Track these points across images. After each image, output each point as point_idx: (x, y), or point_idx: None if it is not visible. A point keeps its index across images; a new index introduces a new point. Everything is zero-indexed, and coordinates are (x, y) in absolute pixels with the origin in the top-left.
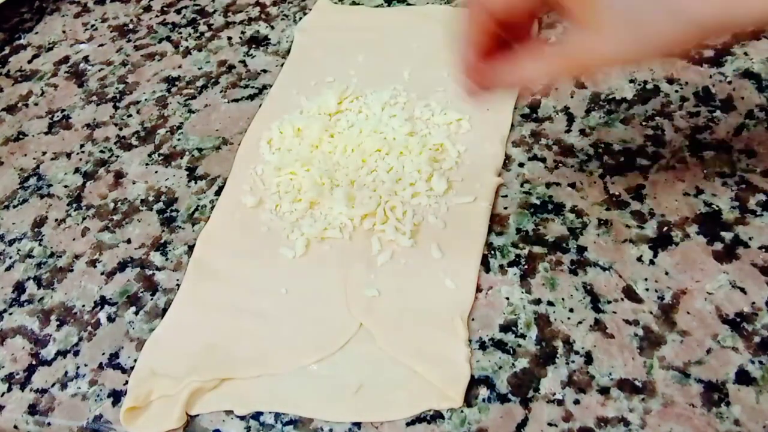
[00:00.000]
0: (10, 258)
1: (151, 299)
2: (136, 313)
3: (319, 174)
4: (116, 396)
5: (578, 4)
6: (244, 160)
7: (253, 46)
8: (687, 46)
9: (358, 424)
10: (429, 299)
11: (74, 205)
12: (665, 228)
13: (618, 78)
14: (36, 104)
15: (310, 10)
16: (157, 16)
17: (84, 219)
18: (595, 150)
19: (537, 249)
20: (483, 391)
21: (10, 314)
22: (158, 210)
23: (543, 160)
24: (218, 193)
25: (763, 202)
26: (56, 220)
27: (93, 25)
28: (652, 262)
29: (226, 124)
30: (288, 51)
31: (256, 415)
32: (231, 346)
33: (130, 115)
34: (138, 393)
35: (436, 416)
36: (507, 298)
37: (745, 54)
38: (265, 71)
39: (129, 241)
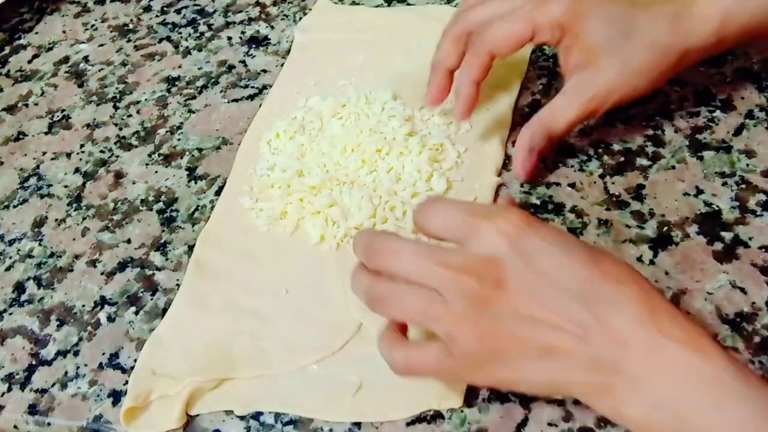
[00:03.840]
0: (10, 258)
1: (151, 299)
2: (136, 313)
3: (318, 174)
4: (116, 396)
5: (574, 50)
6: (244, 160)
7: (253, 46)
8: (668, 72)
9: (358, 424)
10: None
11: (74, 205)
12: (665, 228)
13: None
14: (36, 104)
15: (310, 10)
16: (157, 16)
17: (84, 219)
18: (595, 150)
19: None
20: (483, 391)
21: (10, 314)
22: (158, 210)
23: (543, 160)
24: (218, 193)
25: (763, 202)
26: (56, 220)
27: (93, 25)
28: (652, 262)
29: (226, 124)
30: (288, 51)
31: (256, 415)
32: (231, 346)
33: (130, 115)
34: (138, 393)
35: (436, 416)
36: None
37: (745, 54)
38: (265, 71)
39: (129, 241)
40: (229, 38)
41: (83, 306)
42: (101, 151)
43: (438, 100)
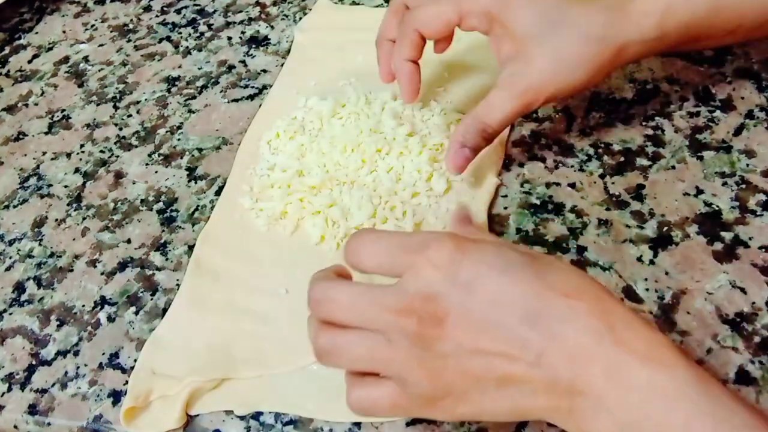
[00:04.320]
0: (10, 258)
1: (151, 299)
2: (136, 313)
3: (318, 174)
4: (116, 396)
5: (505, 41)
6: (244, 160)
7: (253, 46)
8: (606, 66)
9: (358, 424)
10: None
11: (74, 205)
12: (665, 228)
13: (618, 78)
14: (36, 104)
15: (310, 10)
16: (157, 16)
17: (84, 219)
18: (595, 150)
19: (537, 249)
20: None
21: (10, 314)
22: (158, 210)
23: (543, 160)
24: (218, 193)
25: (763, 202)
26: (56, 220)
27: (93, 25)
28: (652, 262)
29: (226, 124)
30: (288, 51)
31: (256, 415)
32: (231, 346)
33: (130, 115)
34: (138, 393)
35: None
36: None
37: (745, 54)
38: (265, 71)
39: (129, 241)
40: (229, 38)
41: (83, 306)
42: (101, 151)
43: (390, 75)
